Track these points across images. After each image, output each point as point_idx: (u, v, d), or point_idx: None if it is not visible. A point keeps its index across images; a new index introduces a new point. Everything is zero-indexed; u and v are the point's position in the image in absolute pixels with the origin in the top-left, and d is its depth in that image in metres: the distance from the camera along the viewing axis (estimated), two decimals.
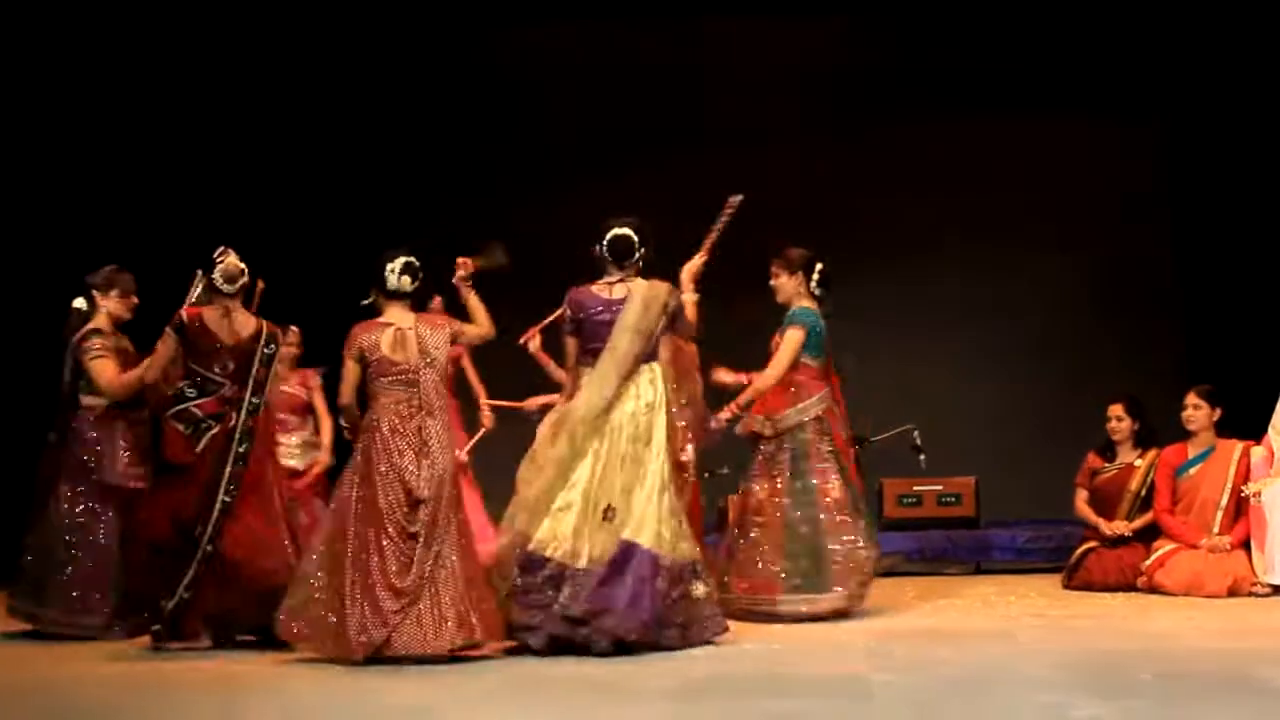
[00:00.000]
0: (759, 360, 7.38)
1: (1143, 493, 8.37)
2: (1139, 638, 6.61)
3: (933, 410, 10.05)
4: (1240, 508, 8.01)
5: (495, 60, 11.21)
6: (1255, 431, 8.13)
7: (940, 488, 10.02)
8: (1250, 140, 10.15)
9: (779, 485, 7.21)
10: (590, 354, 6.43)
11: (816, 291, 7.35)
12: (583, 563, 6.17)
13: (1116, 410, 8.45)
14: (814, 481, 7.19)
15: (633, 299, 6.43)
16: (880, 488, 10.00)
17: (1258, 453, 8.03)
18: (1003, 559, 9.58)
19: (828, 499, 7.15)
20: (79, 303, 7.32)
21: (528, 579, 6.21)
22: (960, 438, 10.15)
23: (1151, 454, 8.41)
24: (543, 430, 6.47)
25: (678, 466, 6.42)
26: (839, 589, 7.07)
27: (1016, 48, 10.80)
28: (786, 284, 7.36)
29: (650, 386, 6.41)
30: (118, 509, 7.08)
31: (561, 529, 6.22)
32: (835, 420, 7.40)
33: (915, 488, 10.02)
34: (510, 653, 6.11)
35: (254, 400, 6.68)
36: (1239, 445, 8.12)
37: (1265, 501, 7.85)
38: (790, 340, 7.20)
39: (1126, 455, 8.49)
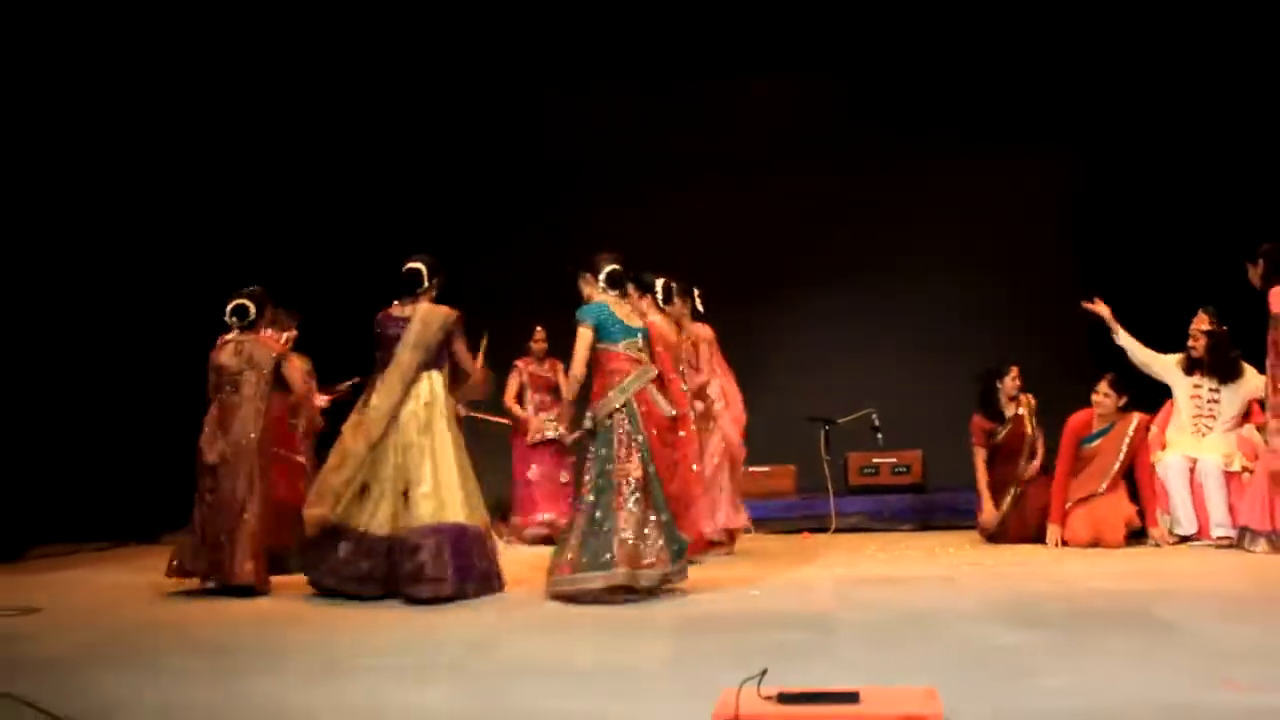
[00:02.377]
0: (759, 368, 7.60)
1: (1032, 439, 8.45)
2: (1054, 581, 6.63)
3: (887, 396, 10.25)
4: (1130, 472, 8.10)
5: (526, 115, 11.26)
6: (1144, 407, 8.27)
7: (894, 460, 10.15)
8: (1146, 173, 10.28)
9: (587, 468, 6.44)
10: (384, 363, 6.56)
11: (602, 285, 6.55)
12: (385, 531, 6.33)
13: (1016, 372, 8.48)
14: (614, 465, 6.24)
15: (414, 320, 6.57)
16: (845, 460, 10.17)
17: (1153, 430, 8.13)
18: (945, 518, 9.63)
19: (626, 480, 6.20)
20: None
21: (336, 550, 6.36)
22: (910, 419, 10.25)
23: (1025, 398, 8.48)
24: (346, 428, 6.56)
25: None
26: (621, 569, 6.03)
27: (953, 97, 10.91)
28: (583, 286, 6.74)
29: (428, 389, 6.51)
30: None
31: (368, 508, 6.38)
32: (649, 399, 6.38)
33: (873, 460, 10.16)
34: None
35: None
36: (1135, 418, 8.14)
37: (1163, 472, 7.93)
38: (579, 339, 6.38)
39: (1010, 408, 8.50)
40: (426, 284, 6.66)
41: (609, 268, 6.59)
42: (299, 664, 4.83)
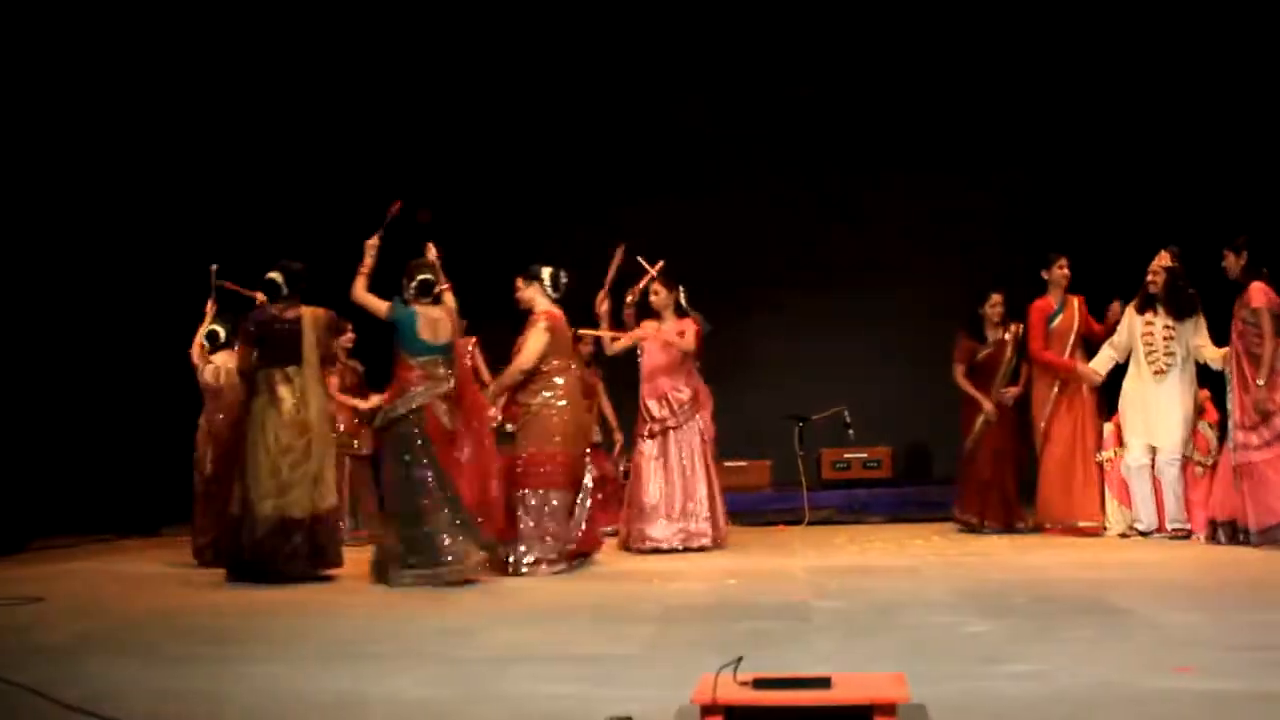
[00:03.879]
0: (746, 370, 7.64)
1: (1013, 362, 8.47)
2: (1017, 570, 6.67)
3: (859, 395, 10.28)
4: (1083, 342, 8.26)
5: (502, 121, 11.20)
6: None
7: (865, 455, 10.25)
8: (1101, 184, 10.44)
9: (388, 470, 6.64)
10: (283, 360, 6.75)
11: (411, 293, 6.64)
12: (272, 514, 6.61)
13: (998, 299, 8.50)
14: (414, 470, 6.44)
15: (304, 322, 6.82)
16: (819, 455, 10.23)
17: (1108, 427, 8.14)
18: (915, 511, 9.67)
19: (424, 483, 6.41)
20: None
21: (255, 534, 6.61)
22: (881, 416, 10.32)
23: (1014, 327, 8.49)
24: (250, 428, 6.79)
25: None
26: (443, 567, 6.34)
27: (926, 111, 11.02)
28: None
29: (312, 389, 6.82)
30: None
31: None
32: (434, 412, 6.51)
33: (845, 455, 10.26)
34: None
35: None
36: (1077, 297, 8.32)
37: (1125, 471, 7.90)
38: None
39: (995, 333, 8.53)
40: (289, 290, 6.88)
41: (420, 276, 6.68)
42: (293, 652, 4.83)
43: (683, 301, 8.07)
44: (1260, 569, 6.45)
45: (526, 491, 6.89)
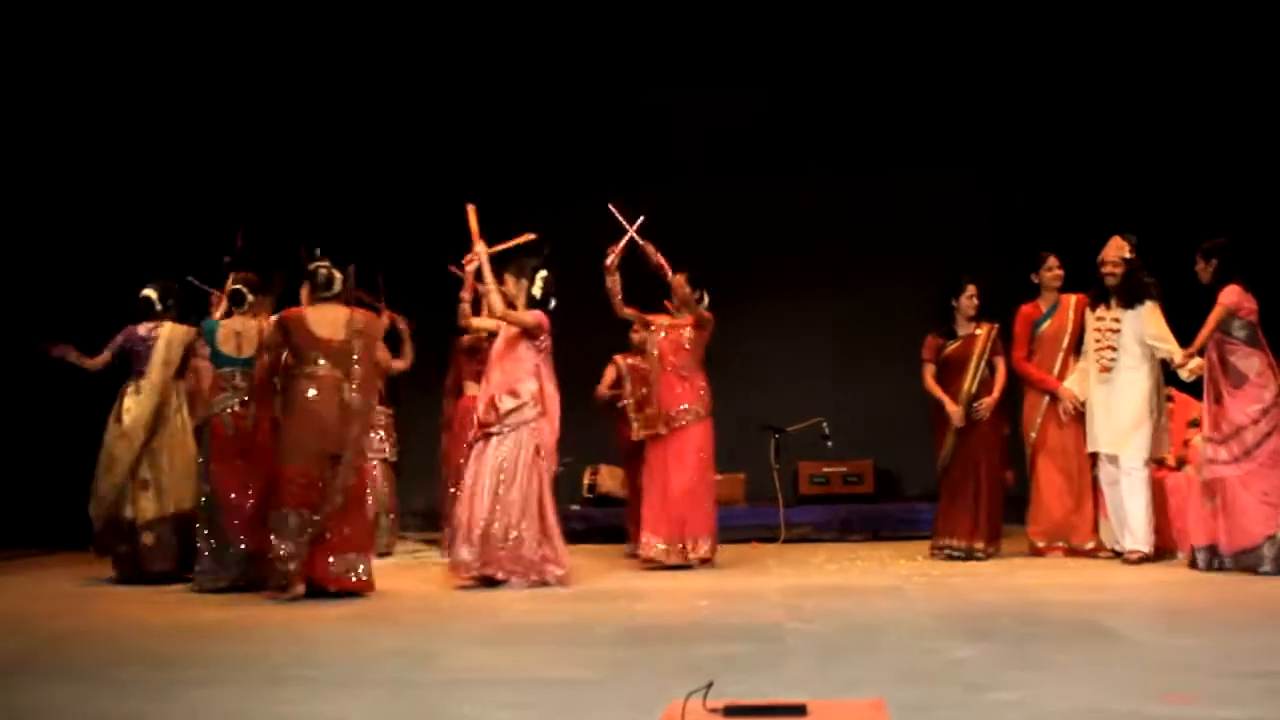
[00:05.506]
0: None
1: (985, 358, 8.12)
2: (1004, 591, 6.66)
3: (839, 405, 10.29)
4: (1077, 347, 8.11)
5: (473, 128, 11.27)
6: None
7: (845, 469, 10.19)
8: (1075, 186, 10.48)
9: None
10: (138, 374, 7.58)
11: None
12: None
13: (974, 290, 8.23)
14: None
15: (160, 341, 7.62)
16: (796, 469, 10.20)
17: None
18: (896, 529, 9.68)
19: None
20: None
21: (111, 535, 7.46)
22: (862, 428, 10.31)
23: (987, 326, 8.24)
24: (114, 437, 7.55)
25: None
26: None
27: (899, 114, 11.04)
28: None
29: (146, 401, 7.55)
30: None
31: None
32: (222, 422, 7.18)
33: (824, 469, 10.19)
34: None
35: None
36: (1075, 296, 8.17)
37: (1125, 490, 7.68)
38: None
39: (966, 328, 8.22)
40: (162, 307, 7.75)
41: (234, 287, 7.41)
42: (235, 675, 4.79)
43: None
44: (1262, 590, 6.49)
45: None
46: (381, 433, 8.69)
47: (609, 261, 7.75)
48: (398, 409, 9.13)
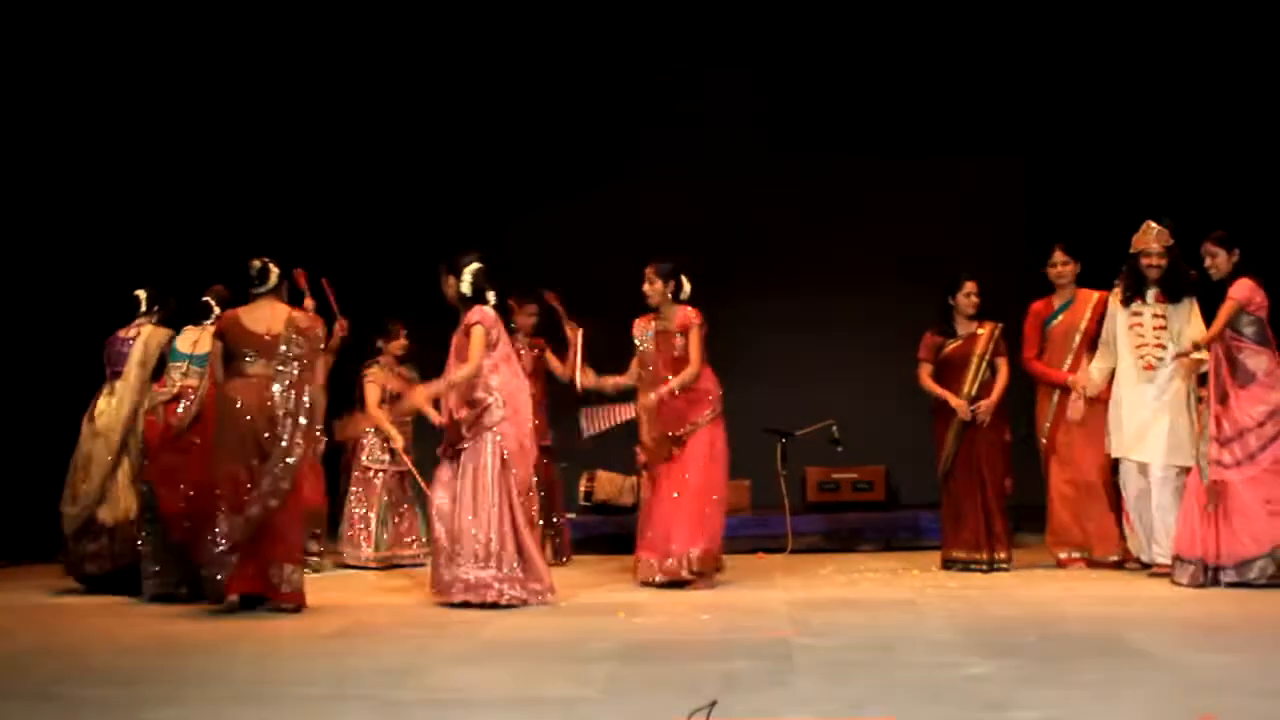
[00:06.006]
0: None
1: (986, 359, 7.98)
2: (1024, 604, 6.59)
3: (850, 407, 10.13)
4: (1091, 345, 7.92)
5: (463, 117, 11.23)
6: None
7: (855, 475, 10.07)
8: (1098, 173, 10.43)
9: None
10: (114, 375, 7.65)
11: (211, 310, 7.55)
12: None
13: (973, 287, 8.03)
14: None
15: (138, 341, 7.66)
16: (803, 475, 10.07)
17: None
18: (909, 538, 9.53)
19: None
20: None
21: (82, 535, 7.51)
22: (874, 432, 10.13)
23: (990, 325, 8.08)
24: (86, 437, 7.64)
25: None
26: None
27: (910, 100, 10.97)
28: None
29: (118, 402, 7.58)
30: None
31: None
32: (154, 420, 7.37)
33: (834, 475, 10.07)
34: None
35: None
36: (1095, 294, 7.99)
37: (1156, 499, 7.40)
38: None
39: (967, 327, 8.11)
40: (146, 309, 7.81)
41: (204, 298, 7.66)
42: (202, 693, 4.69)
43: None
44: None
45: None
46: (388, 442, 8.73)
47: (580, 386, 7.95)
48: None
